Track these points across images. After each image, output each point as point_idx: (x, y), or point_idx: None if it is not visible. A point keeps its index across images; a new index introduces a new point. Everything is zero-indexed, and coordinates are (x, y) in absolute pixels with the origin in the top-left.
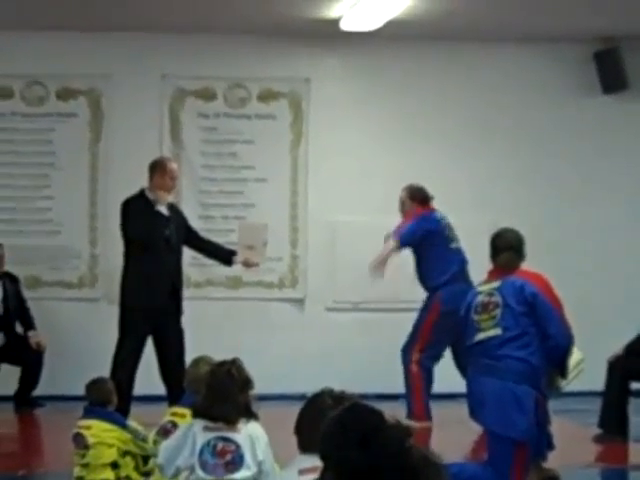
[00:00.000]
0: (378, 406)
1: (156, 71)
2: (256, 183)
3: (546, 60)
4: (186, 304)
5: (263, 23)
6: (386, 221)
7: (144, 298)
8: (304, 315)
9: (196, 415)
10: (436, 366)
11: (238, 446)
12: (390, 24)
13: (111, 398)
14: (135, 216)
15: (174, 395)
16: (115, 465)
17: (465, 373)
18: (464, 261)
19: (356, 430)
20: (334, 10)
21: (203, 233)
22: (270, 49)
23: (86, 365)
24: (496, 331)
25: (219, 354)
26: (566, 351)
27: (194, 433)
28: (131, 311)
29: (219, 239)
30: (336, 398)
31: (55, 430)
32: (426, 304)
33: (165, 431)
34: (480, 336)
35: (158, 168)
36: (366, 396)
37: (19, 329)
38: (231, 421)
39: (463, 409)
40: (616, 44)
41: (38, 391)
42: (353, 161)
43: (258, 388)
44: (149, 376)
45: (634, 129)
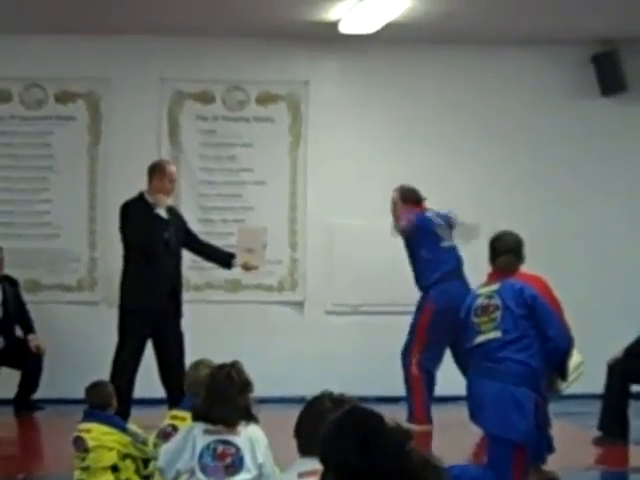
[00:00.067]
0: (378, 409)
1: (155, 74)
2: (255, 186)
3: (545, 63)
4: (186, 307)
5: (261, 26)
6: (385, 224)
7: (143, 301)
8: (303, 318)
9: (196, 418)
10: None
11: (238, 449)
12: (389, 27)
13: (111, 401)
14: (134, 219)
15: (174, 398)
16: (115, 468)
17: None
18: (457, 259)
19: (356, 433)
20: (333, 13)
21: (202, 236)
22: (269, 52)
23: (86, 368)
24: (496, 334)
25: (219, 357)
26: (566, 353)
27: (194, 436)
28: (131, 314)
29: (218, 242)
30: (336, 401)
31: (55, 433)
32: (419, 305)
33: (165, 434)
34: (480, 339)
35: (157, 171)
36: (366, 399)
37: (19, 332)
38: (231, 424)
39: (464, 412)
40: (615, 47)
41: (38, 394)
42: (352, 164)
43: (258, 391)
44: (149, 379)
45: (633, 132)
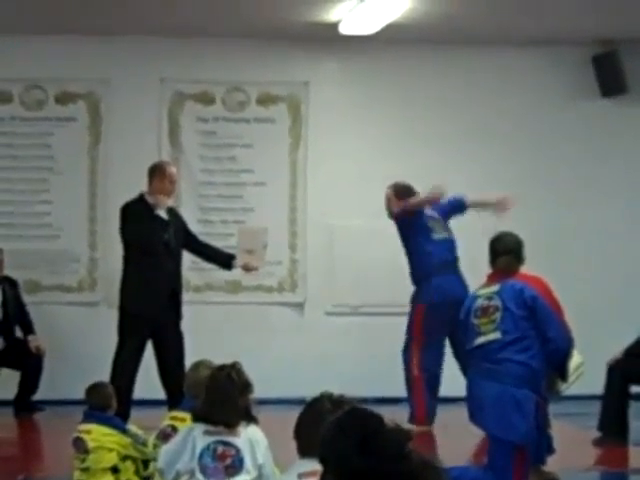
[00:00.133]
0: (378, 410)
1: (155, 75)
2: (255, 187)
3: (545, 63)
4: (185, 308)
5: (262, 27)
6: (385, 225)
7: (144, 302)
8: (303, 319)
9: (196, 419)
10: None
11: (238, 450)
12: (389, 28)
13: (111, 402)
14: (134, 220)
15: (174, 399)
16: (115, 469)
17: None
18: (450, 251)
19: (355, 434)
20: (333, 14)
21: (202, 237)
22: (269, 53)
23: (86, 369)
24: (496, 335)
25: (219, 358)
26: (566, 354)
27: (194, 437)
28: (131, 315)
29: (218, 243)
30: (335, 402)
31: (55, 434)
32: (412, 303)
33: (165, 435)
34: (480, 340)
35: (157, 172)
36: (365, 400)
37: (19, 333)
38: (231, 425)
39: (465, 413)
40: (615, 47)
41: (38, 395)
42: (352, 165)
43: (258, 392)
44: (149, 380)
45: (633, 132)
